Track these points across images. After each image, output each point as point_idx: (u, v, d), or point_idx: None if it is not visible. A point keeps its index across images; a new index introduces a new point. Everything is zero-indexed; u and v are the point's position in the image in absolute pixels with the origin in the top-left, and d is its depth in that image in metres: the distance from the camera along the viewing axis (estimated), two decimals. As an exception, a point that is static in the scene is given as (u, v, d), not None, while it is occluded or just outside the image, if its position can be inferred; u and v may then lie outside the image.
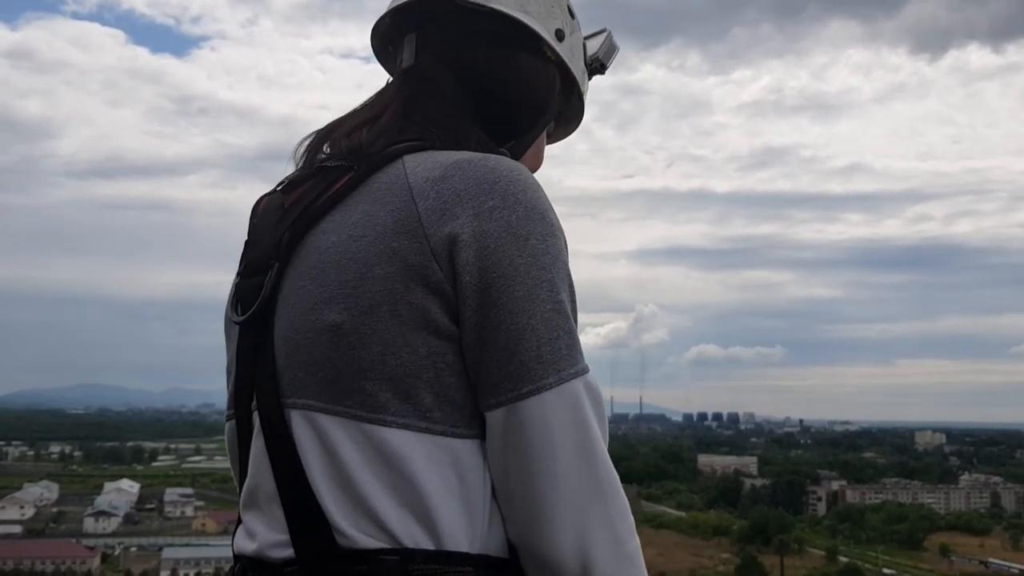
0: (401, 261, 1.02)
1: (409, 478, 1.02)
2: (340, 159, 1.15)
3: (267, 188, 1.24)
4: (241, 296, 1.14)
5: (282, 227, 1.13)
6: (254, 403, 1.10)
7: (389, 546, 1.01)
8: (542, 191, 1.09)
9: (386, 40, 1.33)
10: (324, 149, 1.21)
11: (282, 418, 1.06)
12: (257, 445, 1.09)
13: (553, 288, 1.04)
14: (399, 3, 1.26)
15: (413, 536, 1.01)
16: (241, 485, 1.14)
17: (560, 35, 1.26)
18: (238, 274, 1.17)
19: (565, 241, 1.10)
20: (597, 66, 1.39)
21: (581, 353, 1.05)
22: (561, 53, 1.27)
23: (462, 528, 1.03)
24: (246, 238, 1.20)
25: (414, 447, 1.02)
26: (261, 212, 1.20)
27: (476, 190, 1.04)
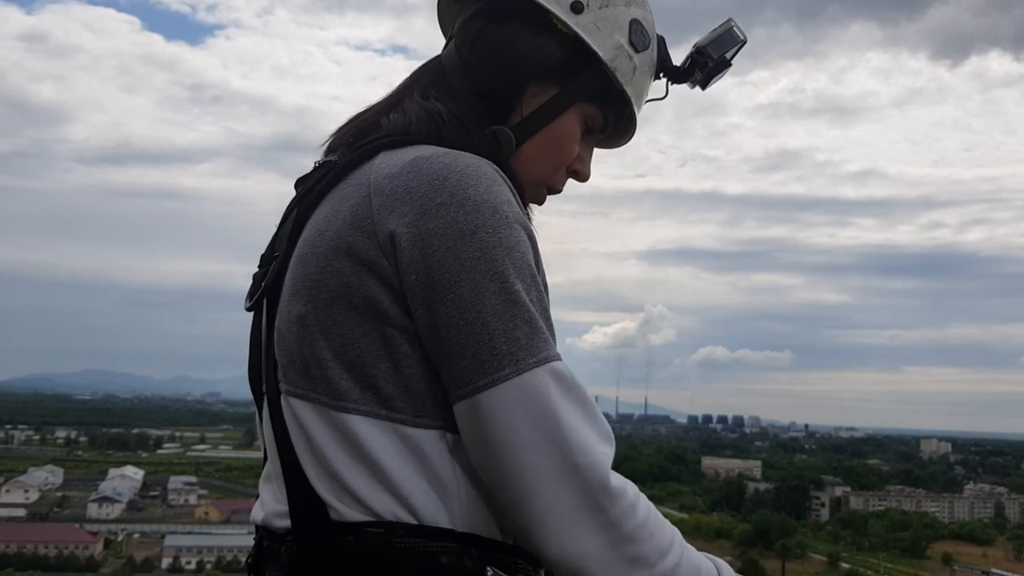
0: (355, 255, 1.05)
1: (376, 462, 1.05)
2: (336, 154, 1.19)
3: (279, 178, 1.49)
4: (252, 286, 1.22)
5: (286, 220, 1.20)
6: (263, 387, 1.16)
7: (374, 519, 1.04)
8: (499, 185, 1.07)
9: None
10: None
11: (278, 402, 1.12)
12: (266, 426, 1.16)
13: (505, 280, 1.02)
14: None
15: (395, 513, 1.04)
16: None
17: (578, 7, 1.19)
18: (258, 264, 1.23)
19: (530, 234, 1.08)
20: (704, 60, 1.28)
21: (547, 342, 1.03)
22: (575, 26, 1.19)
23: (439, 510, 1.05)
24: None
25: (376, 434, 1.05)
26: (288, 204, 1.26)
27: (427, 187, 1.04)
